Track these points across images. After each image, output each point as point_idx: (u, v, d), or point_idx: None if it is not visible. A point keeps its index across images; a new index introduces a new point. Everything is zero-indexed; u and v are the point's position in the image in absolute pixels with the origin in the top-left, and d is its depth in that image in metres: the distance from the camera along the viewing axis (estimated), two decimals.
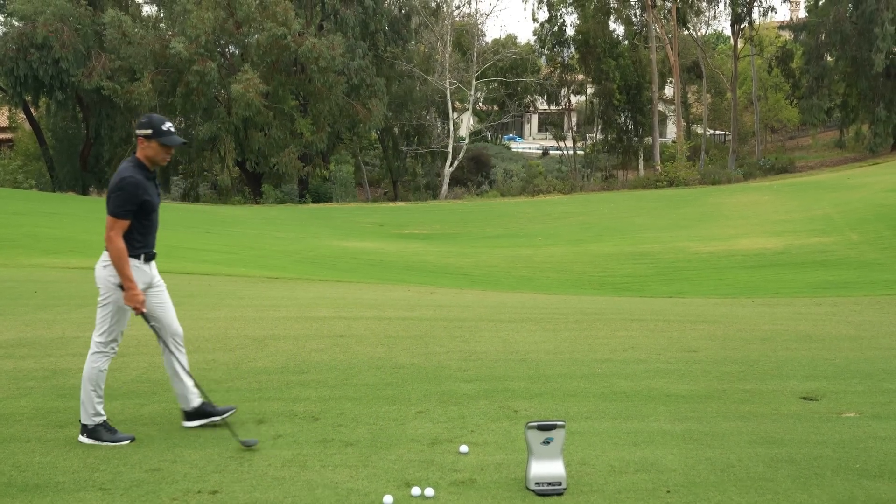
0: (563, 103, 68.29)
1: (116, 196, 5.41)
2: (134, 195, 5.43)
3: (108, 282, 5.53)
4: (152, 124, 5.54)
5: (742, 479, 4.88)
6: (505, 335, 9.12)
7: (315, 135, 49.58)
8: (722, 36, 77.90)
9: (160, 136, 5.52)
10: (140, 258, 5.59)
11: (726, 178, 51.00)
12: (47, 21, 46.45)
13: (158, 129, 5.52)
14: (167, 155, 5.62)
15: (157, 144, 5.54)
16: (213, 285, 14.99)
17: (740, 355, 8.16)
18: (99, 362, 5.59)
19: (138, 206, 5.47)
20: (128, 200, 5.42)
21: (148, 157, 5.58)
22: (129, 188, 5.42)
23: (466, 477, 4.90)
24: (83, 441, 5.53)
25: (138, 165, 5.56)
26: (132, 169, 5.51)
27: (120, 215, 5.41)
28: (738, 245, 26.34)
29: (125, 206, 5.41)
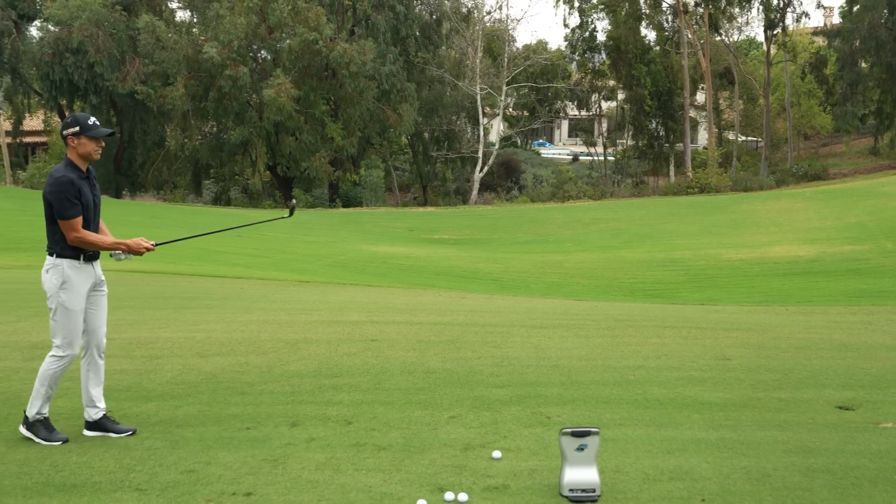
0: (593, 109, 68.09)
1: (57, 199, 5.47)
2: (71, 192, 5.48)
3: (52, 285, 5.58)
4: (78, 121, 5.62)
5: (778, 488, 4.83)
6: (536, 341, 9.09)
7: (346, 139, 49.77)
8: (754, 42, 77.29)
9: (87, 131, 5.60)
10: (80, 258, 5.63)
11: (758, 184, 50.61)
12: (83, 26, 47.00)
13: (85, 125, 5.60)
14: (98, 147, 5.67)
15: (86, 139, 5.60)
16: (245, 289, 15.09)
17: (775, 363, 8.08)
18: (56, 365, 5.62)
19: (81, 199, 5.53)
20: (69, 199, 5.47)
21: (80, 155, 5.63)
22: (64, 188, 5.47)
23: (500, 482, 4.89)
24: (22, 431, 5.63)
25: (70, 165, 5.61)
26: (63, 169, 5.57)
27: (71, 215, 5.48)
28: (770, 252, 26.12)
29: (71, 205, 5.48)
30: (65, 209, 5.47)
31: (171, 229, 29.59)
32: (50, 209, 5.53)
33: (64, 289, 5.57)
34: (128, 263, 18.98)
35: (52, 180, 5.51)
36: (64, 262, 5.58)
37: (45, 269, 5.61)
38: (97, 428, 5.78)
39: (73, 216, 5.49)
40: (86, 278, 5.67)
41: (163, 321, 10.09)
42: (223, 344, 8.68)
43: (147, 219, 33.17)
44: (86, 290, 5.67)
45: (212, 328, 9.64)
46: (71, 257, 5.59)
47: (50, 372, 5.61)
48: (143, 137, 52.82)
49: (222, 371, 7.48)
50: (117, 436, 5.73)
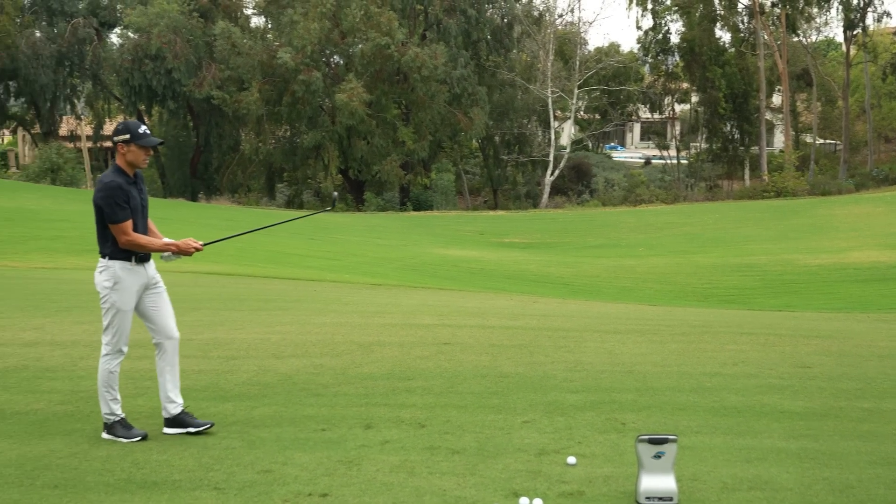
0: (666, 112, 67.27)
1: (107, 203, 5.58)
2: (121, 197, 5.60)
3: (104, 286, 5.71)
4: (129, 129, 5.70)
5: (862, 500, 4.70)
6: (610, 346, 9.01)
7: (417, 143, 50.00)
8: (833, 42, 75.55)
9: (137, 139, 5.68)
10: (131, 260, 5.74)
11: (837, 188, 49.45)
12: (161, 33, 48.11)
13: (135, 133, 5.69)
14: (146, 156, 5.79)
15: (135, 147, 5.69)
16: (318, 291, 15.25)
17: (857, 372, 7.87)
18: (109, 364, 5.77)
19: (130, 204, 5.64)
20: (118, 203, 5.59)
21: (128, 162, 5.73)
22: (114, 192, 5.59)
23: (575, 489, 4.85)
24: (104, 437, 5.75)
25: (118, 171, 5.72)
26: (112, 175, 5.68)
27: (120, 219, 5.60)
28: (849, 258, 25.49)
29: (120, 209, 5.60)
30: (115, 213, 5.59)
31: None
32: (100, 214, 5.65)
33: (115, 290, 5.70)
34: (202, 266, 19.34)
35: (102, 186, 5.63)
36: (115, 263, 5.70)
37: (98, 270, 5.75)
38: (176, 424, 5.90)
39: (123, 220, 5.60)
40: (137, 279, 5.78)
41: (239, 322, 10.25)
42: (298, 345, 8.78)
43: (222, 221, 33.76)
44: (137, 291, 5.79)
45: (287, 330, 9.76)
46: (122, 259, 5.70)
47: (103, 372, 5.77)
48: (218, 142, 53.84)
49: (297, 372, 7.57)
50: (196, 429, 5.84)
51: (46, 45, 52.93)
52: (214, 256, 21.71)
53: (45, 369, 7.69)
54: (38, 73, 51.93)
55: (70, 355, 8.27)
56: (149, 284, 5.88)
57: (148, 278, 5.87)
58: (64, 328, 9.77)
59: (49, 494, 4.74)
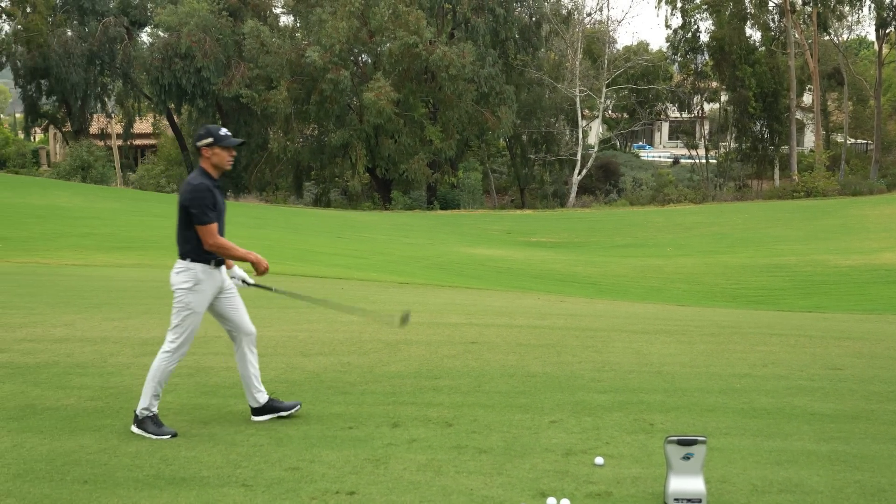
0: (695, 111, 66.83)
1: (197, 205, 5.69)
2: (208, 200, 5.72)
3: (182, 287, 5.80)
4: (211, 133, 5.83)
5: None
6: (638, 346, 8.96)
7: (444, 142, 49.99)
8: (865, 41, 74.79)
9: (220, 141, 5.81)
10: (210, 263, 5.84)
11: (868, 188, 48.93)
12: (191, 32, 48.43)
13: (217, 136, 5.81)
14: (230, 157, 5.89)
15: (219, 149, 5.82)
16: (345, 289, 15.28)
17: (889, 374, 7.78)
18: (169, 363, 5.86)
19: (216, 207, 5.77)
20: (206, 206, 5.70)
21: (213, 165, 5.85)
22: (203, 195, 5.70)
23: (602, 489, 4.82)
24: (134, 430, 5.80)
25: (204, 174, 5.84)
26: (200, 177, 5.79)
27: (207, 221, 5.70)
28: (881, 259, 25.21)
29: (208, 211, 5.71)
30: (204, 215, 5.69)
31: (272, 229, 30.23)
32: (185, 214, 5.75)
33: (193, 291, 5.81)
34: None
35: (191, 188, 5.73)
36: (197, 266, 5.80)
37: (176, 271, 5.85)
38: (265, 411, 6.08)
39: (211, 222, 5.72)
40: (213, 283, 5.89)
41: (267, 320, 10.28)
42: (325, 343, 8.80)
43: (250, 219, 33.91)
44: (212, 294, 5.90)
45: (314, 328, 9.79)
46: (204, 262, 5.81)
47: (161, 368, 5.83)
48: (246, 140, 54.06)
49: (325, 370, 7.59)
50: (287, 412, 6.08)
51: (78, 44, 53.47)
52: None
53: (75, 365, 7.76)
54: (70, 72, 52.48)
55: (100, 352, 8.34)
56: (223, 287, 6.01)
57: (221, 282, 5.99)
58: (94, 325, 9.85)
59: (79, 490, 4.78)
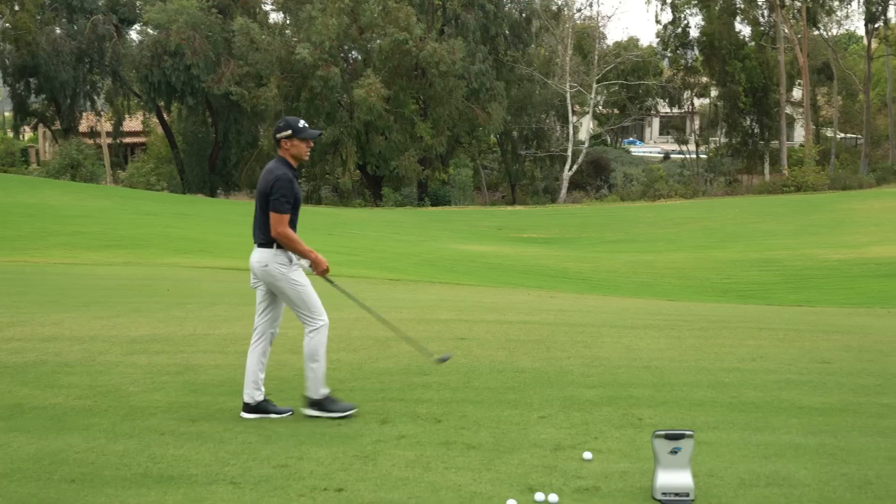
0: (685, 106, 66.95)
1: (280, 193, 5.86)
2: (290, 191, 5.90)
3: (280, 271, 5.99)
4: (290, 125, 6.01)
5: (881, 497, 4.66)
6: (627, 341, 8.97)
7: (435, 138, 50.00)
8: (854, 36, 75.00)
9: (299, 133, 5.98)
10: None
11: (858, 182, 49.12)
12: (180, 29, 48.32)
13: (296, 128, 5.99)
14: (308, 148, 6.09)
15: (298, 141, 6.00)
16: (335, 285, 15.24)
17: (877, 368, 7.81)
18: (320, 336, 6.07)
19: (294, 199, 5.92)
20: (286, 196, 5.88)
21: (293, 156, 6.04)
22: (286, 185, 5.89)
23: (591, 484, 4.83)
24: (309, 413, 6.05)
25: (286, 164, 6.02)
26: (283, 167, 5.97)
27: (283, 210, 5.88)
28: (870, 253, 25.30)
29: (287, 202, 5.89)
30: (281, 204, 5.87)
31: None
32: (266, 201, 5.93)
33: (292, 268, 6.01)
34: (221, 261, 19.41)
35: (274, 177, 5.90)
36: (282, 250, 5.98)
37: (266, 259, 6.01)
38: (257, 410, 6.10)
39: (285, 212, 5.89)
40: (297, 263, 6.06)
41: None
42: None
43: (241, 217, 33.80)
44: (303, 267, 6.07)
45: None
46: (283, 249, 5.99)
47: (314, 347, 6.07)
48: (237, 137, 54.04)
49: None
50: (277, 416, 6.09)
51: (66, 42, 53.27)
52: (233, 252, 21.80)
53: (63, 364, 7.73)
54: (59, 70, 52.28)
55: (89, 350, 8.31)
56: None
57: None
58: (83, 323, 9.82)
59: (66, 489, 4.76)
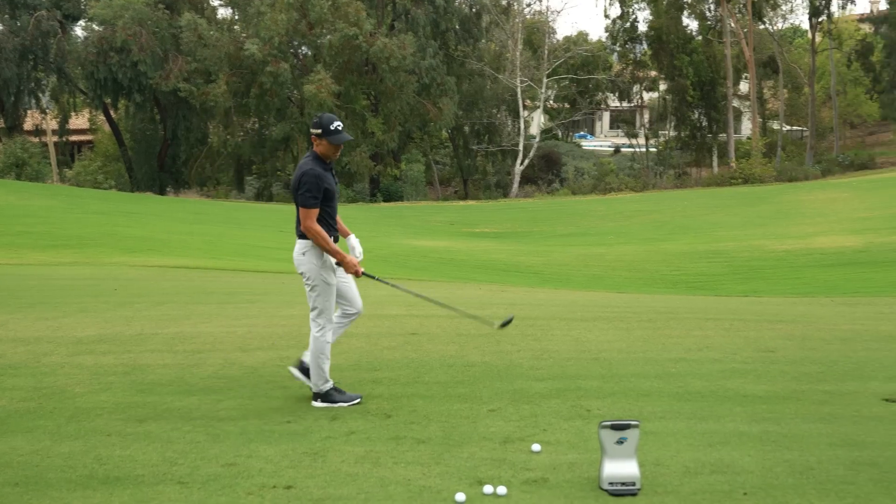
0: (635, 100, 67.59)
1: (306, 188, 5.98)
2: (317, 186, 6.00)
3: (312, 265, 6.13)
4: (321, 124, 6.07)
5: (822, 482, 4.77)
6: (577, 334, 9.05)
7: (386, 134, 49.89)
8: (799, 30, 76.15)
9: (327, 136, 6.05)
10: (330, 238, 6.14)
11: (803, 174, 49.93)
12: (126, 25, 47.63)
13: (326, 129, 6.04)
14: (336, 152, 6.14)
15: (326, 142, 6.06)
16: (286, 283, 15.19)
17: (819, 356, 7.97)
18: (326, 336, 6.23)
19: (322, 194, 6.02)
20: (314, 191, 5.99)
21: (321, 153, 6.11)
22: (313, 180, 5.99)
23: (539, 476, 4.88)
24: (317, 405, 6.23)
25: (316, 158, 6.11)
26: (311, 162, 6.08)
27: (311, 205, 6.01)
28: (816, 243, 25.76)
29: (314, 196, 6.01)
30: (307, 199, 6.00)
31: (213, 224, 29.91)
32: (296, 197, 6.08)
33: (323, 266, 6.14)
34: (170, 259, 19.21)
35: (301, 173, 6.03)
36: None
37: (302, 251, 6.16)
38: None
39: (312, 206, 6.02)
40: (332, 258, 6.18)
41: (204, 316, 10.18)
42: (265, 338, 8.75)
43: (190, 215, 33.54)
44: (334, 268, 6.23)
45: (253, 323, 9.72)
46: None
47: (320, 345, 6.23)
48: (186, 135, 53.44)
49: (264, 365, 7.54)
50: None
51: (9, 39, 52.15)
52: (183, 250, 21.59)
53: (7, 366, 7.60)
54: (2, 67, 51.15)
55: (33, 352, 8.18)
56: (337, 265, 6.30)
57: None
58: (27, 325, 9.66)
59: (10, 492, 4.69)
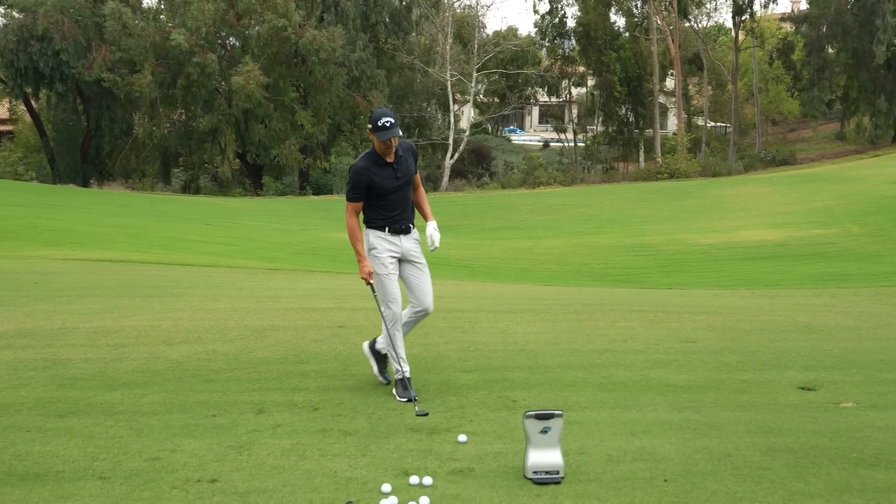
0: (563, 95, 68.21)
1: (348, 182, 6.25)
2: (356, 181, 6.18)
3: (368, 254, 6.32)
4: (372, 119, 6.14)
5: (739, 467, 4.90)
6: (504, 326, 9.13)
7: (316, 127, 49.56)
8: (723, 28, 77.78)
9: (375, 132, 6.11)
10: (384, 230, 6.30)
11: (727, 170, 51.00)
12: (47, 12, 46.44)
13: (374, 125, 6.10)
14: (386, 148, 6.16)
15: (375, 138, 6.13)
16: (213, 276, 15.03)
17: (739, 346, 8.18)
18: (385, 324, 6.30)
19: (365, 188, 6.15)
20: (352, 186, 6.21)
21: (376, 148, 6.19)
22: (352, 176, 6.22)
23: (465, 466, 4.93)
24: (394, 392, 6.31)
25: (370, 154, 6.24)
26: (363, 159, 6.24)
27: (349, 199, 6.27)
28: (738, 237, 26.36)
29: (352, 190, 6.22)
30: (348, 192, 6.27)
31: (138, 217, 29.39)
32: None
33: (371, 255, 6.31)
34: (93, 252, 18.85)
35: (349, 168, 6.26)
36: (370, 231, 6.34)
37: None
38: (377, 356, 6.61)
39: (351, 200, 6.25)
40: (389, 247, 6.32)
41: (128, 310, 10.02)
42: (190, 332, 8.64)
43: (115, 207, 32.88)
44: (391, 257, 6.31)
45: (178, 316, 9.59)
46: (377, 228, 6.33)
47: (386, 332, 6.31)
48: (110, 126, 52.27)
49: (188, 359, 7.45)
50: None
51: None
52: (107, 243, 21.18)
53: None
54: None
55: None
56: (405, 256, 6.39)
57: (403, 250, 6.38)
58: None
59: None
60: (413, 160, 6.40)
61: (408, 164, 6.32)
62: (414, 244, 6.44)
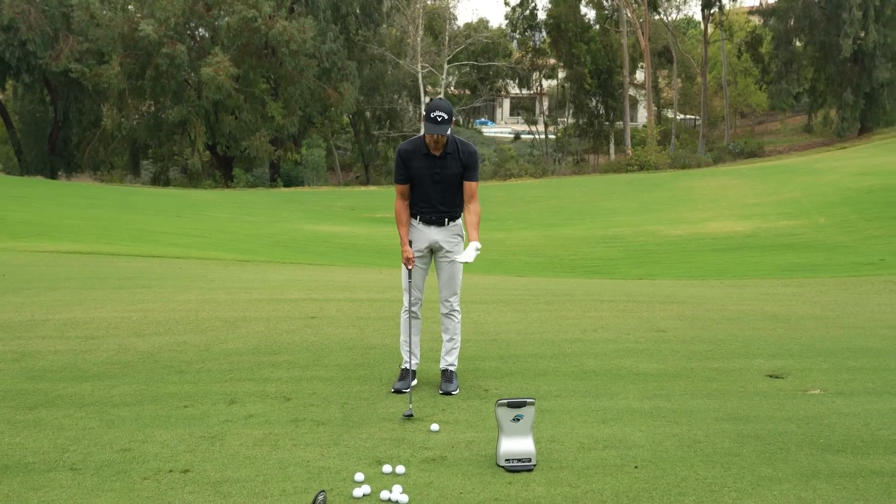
0: (534, 87, 68.36)
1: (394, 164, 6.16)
2: (397, 162, 6.12)
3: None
4: (427, 108, 5.94)
5: (708, 454, 4.96)
6: (476, 316, 9.15)
7: (286, 118, 49.35)
8: (692, 21, 78.32)
9: (425, 121, 5.91)
10: (416, 218, 6.19)
11: (696, 162, 51.38)
12: (14, 2, 45.89)
13: (427, 115, 5.90)
14: (432, 141, 5.94)
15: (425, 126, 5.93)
16: (183, 268, 14.94)
17: (708, 335, 8.26)
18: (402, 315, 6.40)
19: (405, 172, 6.06)
20: (395, 167, 6.13)
21: (426, 137, 5.98)
22: (396, 159, 6.15)
23: (437, 454, 4.94)
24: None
25: (418, 140, 6.07)
26: (410, 142, 6.11)
27: (395, 180, 6.18)
28: (707, 228, 26.57)
29: (396, 173, 6.13)
30: (394, 174, 6.18)
31: (106, 209, 29.14)
32: None
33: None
34: (62, 245, 18.68)
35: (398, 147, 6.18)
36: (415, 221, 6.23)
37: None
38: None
39: (396, 182, 6.16)
40: (422, 238, 6.20)
41: (99, 301, 9.95)
42: (160, 323, 8.59)
43: (83, 199, 32.58)
44: (422, 248, 6.21)
45: (149, 308, 9.53)
46: (412, 216, 6.23)
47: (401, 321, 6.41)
48: (78, 117, 51.79)
49: (159, 350, 7.42)
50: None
51: None
52: (75, 235, 20.99)
53: None
54: None
55: None
56: (434, 248, 6.25)
57: (432, 241, 6.21)
58: None
59: None
60: (464, 166, 6.03)
61: (454, 164, 6.01)
62: (448, 237, 6.18)
